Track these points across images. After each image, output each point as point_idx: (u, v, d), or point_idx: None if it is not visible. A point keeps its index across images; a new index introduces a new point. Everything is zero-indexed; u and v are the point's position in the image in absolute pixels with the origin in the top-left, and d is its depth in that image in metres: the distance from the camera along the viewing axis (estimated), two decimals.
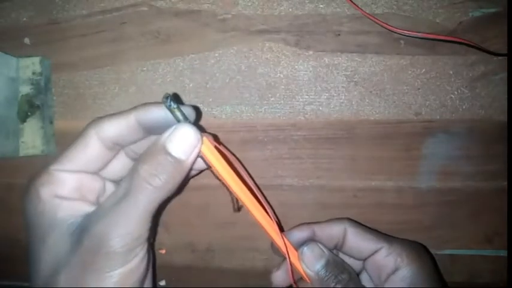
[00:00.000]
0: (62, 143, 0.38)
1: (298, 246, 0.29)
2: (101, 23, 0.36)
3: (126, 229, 0.23)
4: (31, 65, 0.36)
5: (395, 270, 0.28)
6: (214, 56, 0.36)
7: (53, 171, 0.26)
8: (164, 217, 0.37)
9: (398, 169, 0.35)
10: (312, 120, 0.35)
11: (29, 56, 0.36)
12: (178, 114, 0.24)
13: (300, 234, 0.30)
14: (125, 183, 0.24)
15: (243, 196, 0.27)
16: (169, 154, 0.24)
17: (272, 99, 0.36)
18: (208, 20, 0.36)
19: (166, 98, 0.24)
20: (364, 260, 0.30)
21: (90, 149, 0.26)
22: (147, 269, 0.25)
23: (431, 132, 0.35)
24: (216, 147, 0.26)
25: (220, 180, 0.27)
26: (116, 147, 0.27)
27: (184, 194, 0.37)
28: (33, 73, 0.36)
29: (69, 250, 0.24)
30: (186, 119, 0.25)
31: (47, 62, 0.37)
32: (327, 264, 0.28)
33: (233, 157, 0.27)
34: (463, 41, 0.33)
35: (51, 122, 0.37)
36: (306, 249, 0.28)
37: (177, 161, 0.24)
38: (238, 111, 0.36)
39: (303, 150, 0.35)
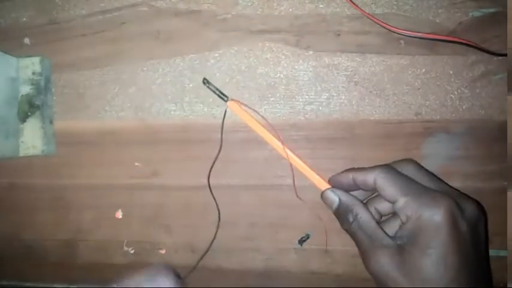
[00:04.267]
0: (62, 143, 0.38)
1: (342, 188, 0.33)
2: (101, 23, 0.37)
3: None
4: (31, 65, 0.36)
5: (404, 223, 0.28)
6: (214, 56, 0.36)
7: None
8: (164, 217, 0.37)
9: None
10: (312, 120, 0.36)
11: (29, 56, 0.36)
12: (214, 89, 0.35)
13: (342, 179, 0.33)
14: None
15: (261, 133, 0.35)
16: None
17: (272, 99, 0.36)
18: (208, 20, 0.36)
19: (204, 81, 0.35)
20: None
21: None
22: None
23: (431, 132, 0.35)
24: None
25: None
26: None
27: (185, 194, 0.37)
28: (33, 73, 0.36)
29: None
30: (223, 94, 0.35)
31: (47, 62, 0.37)
32: (338, 207, 0.32)
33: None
34: (463, 41, 0.33)
35: (51, 122, 0.37)
36: (323, 195, 0.33)
37: None
38: None
39: (303, 150, 0.35)
